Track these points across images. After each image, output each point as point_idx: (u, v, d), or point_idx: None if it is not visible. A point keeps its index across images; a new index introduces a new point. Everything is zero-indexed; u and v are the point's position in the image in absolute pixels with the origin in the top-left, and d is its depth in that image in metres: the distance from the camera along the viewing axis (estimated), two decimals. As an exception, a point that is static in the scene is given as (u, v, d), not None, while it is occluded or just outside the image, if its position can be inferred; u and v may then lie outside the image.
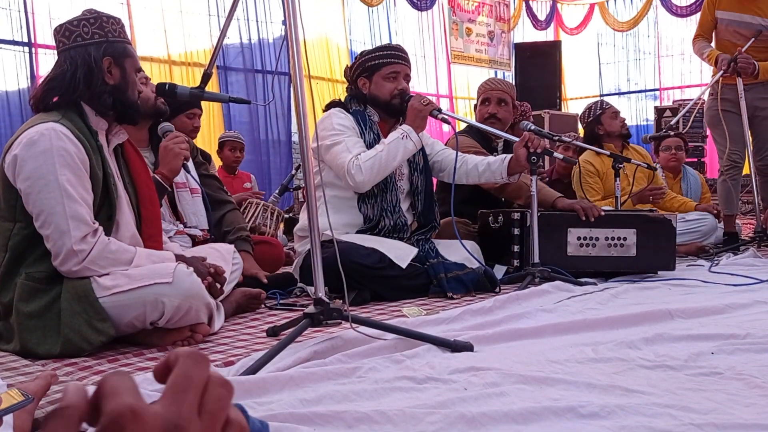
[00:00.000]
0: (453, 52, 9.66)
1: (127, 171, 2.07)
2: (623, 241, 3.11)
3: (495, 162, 2.96)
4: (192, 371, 0.40)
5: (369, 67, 2.88)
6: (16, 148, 1.83)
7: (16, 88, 5.70)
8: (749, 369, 1.59)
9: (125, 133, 2.06)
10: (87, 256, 1.81)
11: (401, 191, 2.93)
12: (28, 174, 1.81)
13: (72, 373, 1.65)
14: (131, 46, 2.03)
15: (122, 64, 1.95)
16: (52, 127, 1.82)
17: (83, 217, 1.81)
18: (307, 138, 1.85)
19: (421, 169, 2.99)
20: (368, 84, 2.88)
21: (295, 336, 1.73)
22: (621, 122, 4.10)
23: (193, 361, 0.40)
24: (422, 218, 2.98)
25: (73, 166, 1.81)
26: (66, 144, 1.81)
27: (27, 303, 1.82)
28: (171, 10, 6.72)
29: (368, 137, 2.83)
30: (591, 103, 4.31)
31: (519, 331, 2.04)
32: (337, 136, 2.77)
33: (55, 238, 1.80)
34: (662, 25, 10.47)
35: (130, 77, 1.98)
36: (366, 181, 2.73)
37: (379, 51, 2.92)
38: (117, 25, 1.97)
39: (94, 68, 1.90)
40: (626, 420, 1.27)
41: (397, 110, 2.89)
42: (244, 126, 7.16)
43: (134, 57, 2.01)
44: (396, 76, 2.86)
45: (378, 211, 2.82)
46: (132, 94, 1.98)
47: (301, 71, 1.81)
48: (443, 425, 1.25)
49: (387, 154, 2.73)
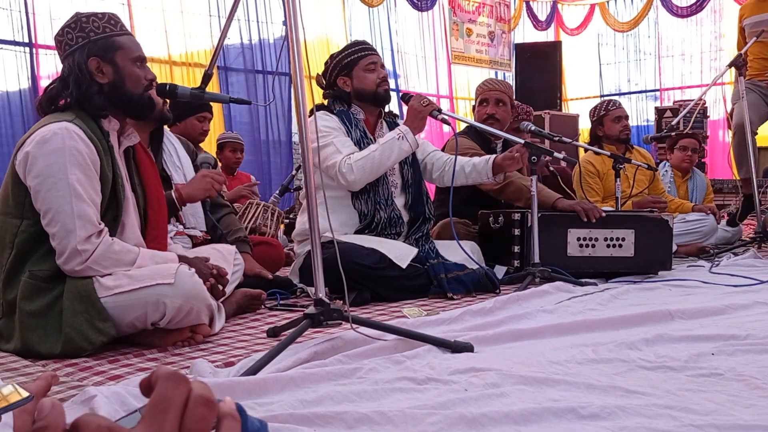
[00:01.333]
0: (453, 53, 9.66)
1: (137, 173, 2.08)
2: (622, 242, 3.12)
3: (480, 162, 3.00)
4: (170, 393, 0.40)
5: (346, 64, 2.90)
6: (29, 145, 1.83)
7: (16, 89, 5.70)
8: (750, 370, 1.59)
9: (137, 136, 2.06)
10: (90, 256, 1.81)
11: (394, 185, 2.94)
12: (38, 171, 1.81)
13: (72, 373, 1.65)
14: (123, 37, 1.95)
15: (112, 59, 1.92)
16: (66, 126, 1.82)
17: (90, 217, 1.81)
18: (307, 138, 1.85)
19: (410, 163, 3.00)
20: (350, 81, 2.90)
21: (295, 337, 1.73)
22: (622, 126, 4.05)
23: (171, 382, 0.41)
24: (412, 212, 2.97)
25: (84, 166, 1.82)
26: (78, 144, 1.81)
27: (30, 301, 1.82)
28: (172, 10, 6.72)
29: (355, 135, 2.86)
30: (600, 102, 4.29)
31: (519, 331, 2.04)
32: (325, 138, 2.79)
33: (61, 236, 1.80)
34: (663, 26, 10.47)
35: (126, 70, 1.93)
36: (357, 180, 2.74)
37: (350, 48, 2.96)
38: (101, 21, 1.92)
39: (80, 73, 1.89)
40: (627, 421, 1.27)
41: (383, 99, 2.93)
42: (244, 126, 7.16)
43: (127, 48, 1.94)
44: (375, 67, 2.90)
45: (372, 205, 2.83)
46: (132, 86, 1.94)
47: (301, 72, 1.82)
48: (443, 426, 1.25)
49: (381, 154, 2.75)
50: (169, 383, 0.41)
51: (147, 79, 1.98)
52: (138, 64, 1.96)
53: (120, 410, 1.27)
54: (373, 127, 2.98)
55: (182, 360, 1.78)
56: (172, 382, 0.41)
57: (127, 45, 1.94)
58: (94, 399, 1.27)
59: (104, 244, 1.83)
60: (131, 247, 1.90)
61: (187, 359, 1.78)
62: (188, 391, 0.41)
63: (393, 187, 2.93)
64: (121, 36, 1.95)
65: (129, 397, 1.30)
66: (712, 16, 10.11)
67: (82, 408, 1.29)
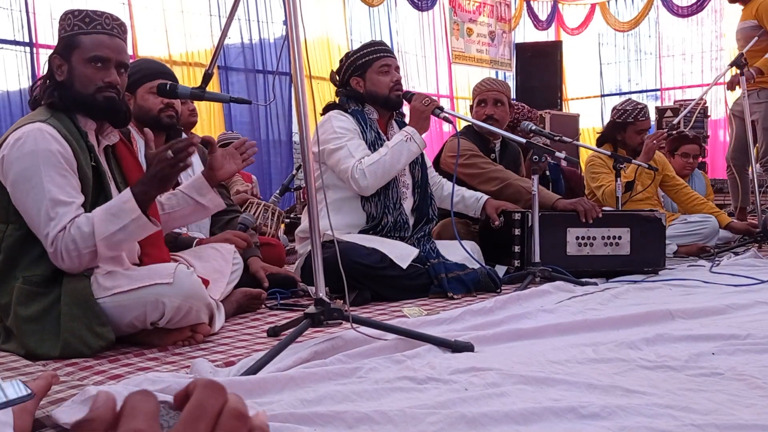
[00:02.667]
0: (454, 52, 9.65)
1: (119, 171, 2.06)
2: (618, 240, 3.15)
3: (470, 199, 3.19)
4: (207, 401, 0.41)
5: (360, 65, 2.89)
6: (4, 149, 1.83)
7: (17, 88, 5.70)
8: (750, 369, 1.59)
9: (116, 135, 2.04)
10: (63, 254, 1.78)
11: (406, 186, 2.94)
12: (14, 176, 1.81)
13: (73, 373, 1.65)
14: (89, 36, 1.87)
15: (69, 57, 1.89)
16: (38, 127, 1.81)
17: (60, 216, 1.78)
18: (308, 138, 1.85)
19: (421, 164, 3.00)
20: (363, 82, 2.89)
21: (295, 336, 1.73)
22: (641, 140, 3.93)
23: (209, 390, 0.42)
24: (418, 212, 2.97)
25: (58, 166, 1.80)
26: (51, 144, 1.79)
27: (25, 306, 1.81)
28: (172, 9, 6.72)
29: (369, 136, 2.84)
30: (630, 104, 4.06)
31: (520, 331, 2.04)
32: (339, 140, 2.77)
33: (43, 239, 1.80)
34: (663, 26, 10.46)
35: (77, 70, 1.88)
36: (370, 185, 2.74)
37: (366, 48, 2.94)
38: (75, 19, 1.88)
39: (48, 71, 1.91)
40: (627, 420, 1.27)
41: (395, 104, 2.91)
42: (244, 126, 7.15)
43: (84, 47, 1.87)
44: (388, 69, 2.88)
45: (381, 208, 2.82)
46: (81, 86, 1.88)
47: (302, 71, 1.81)
48: (444, 425, 1.25)
49: (391, 158, 2.74)
50: (206, 391, 0.42)
51: (104, 81, 1.88)
52: (94, 64, 1.88)
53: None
54: (385, 126, 2.97)
55: (182, 359, 1.78)
56: (210, 391, 0.42)
57: (86, 44, 1.87)
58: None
59: (65, 235, 1.77)
60: (81, 222, 1.79)
61: (187, 359, 1.78)
62: (224, 402, 0.42)
63: (405, 187, 2.93)
64: (89, 35, 1.87)
65: (129, 397, 1.30)
66: (712, 15, 10.10)
67: (83, 408, 1.29)
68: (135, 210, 1.80)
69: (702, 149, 4.72)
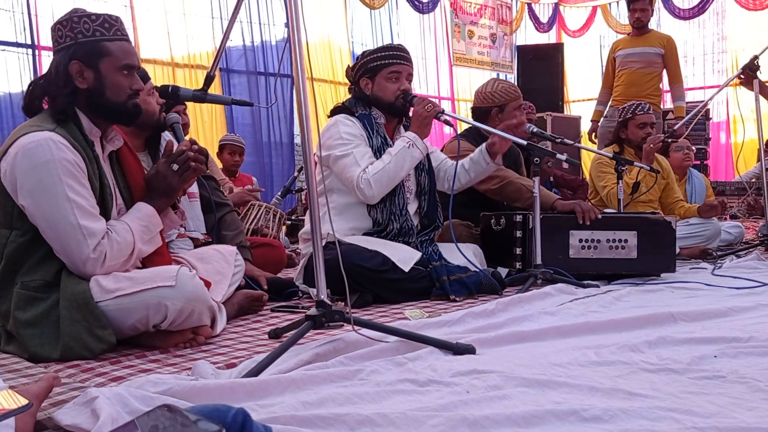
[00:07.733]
0: (455, 55, 9.66)
1: (122, 175, 2.06)
2: (624, 243, 3.11)
3: (475, 154, 3.03)
4: None
5: (371, 67, 2.86)
6: (9, 157, 1.80)
7: (19, 90, 5.71)
8: (752, 372, 1.59)
9: (121, 139, 2.04)
10: (105, 259, 1.83)
11: (409, 191, 2.93)
12: (30, 188, 1.78)
13: (74, 375, 1.65)
14: (115, 42, 1.87)
15: (95, 64, 1.85)
16: (49, 137, 1.79)
17: (94, 226, 1.82)
18: (309, 140, 1.85)
19: (427, 170, 2.99)
20: (371, 84, 2.87)
21: (297, 338, 1.73)
22: (645, 134, 3.96)
23: None
24: (426, 219, 2.97)
25: (77, 175, 1.81)
26: (66, 153, 1.79)
27: (24, 311, 1.81)
28: (174, 12, 6.74)
29: (375, 142, 2.82)
30: (630, 103, 4.15)
31: (521, 333, 2.03)
32: (345, 146, 2.76)
33: (72, 249, 1.80)
34: (664, 28, 10.44)
35: (109, 78, 1.86)
36: (375, 195, 2.74)
37: (381, 51, 2.90)
38: (93, 23, 1.84)
39: (56, 73, 1.85)
40: (629, 423, 1.27)
41: (400, 111, 2.89)
42: (246, 128, 7.17)
43: (115, 55, 1.86)
44: (398, 77, 2.84)
45: (386, 215, 2.81)
46: (113, 94, 1.88)
47: (303, 73, 1.81)
48: (445, 428, 1.25)
49: (395, 166, 2.73)
50: None
51: (132, 89, 1.91)
52: (125, 72, 1.89)
53: (122, 411, 1.27)
54: (393, 131, 2.95)
55: (184, 361, 1.78)
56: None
57: (116, 52, 1.87)
58: (96, 400, 1.27)
59: (111, 242, 1.85)
60: (123, 230, 1.90)
61: (189, 361, 1.78)
62: None
63: (408, 192, 2.92)
64: (113, 41, 1.87)
65: (131, 399, 1.30)
66: (714, 17, 10.10)
67: (85, 409, 1.29)
68: (160, 224, 2.02)
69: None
